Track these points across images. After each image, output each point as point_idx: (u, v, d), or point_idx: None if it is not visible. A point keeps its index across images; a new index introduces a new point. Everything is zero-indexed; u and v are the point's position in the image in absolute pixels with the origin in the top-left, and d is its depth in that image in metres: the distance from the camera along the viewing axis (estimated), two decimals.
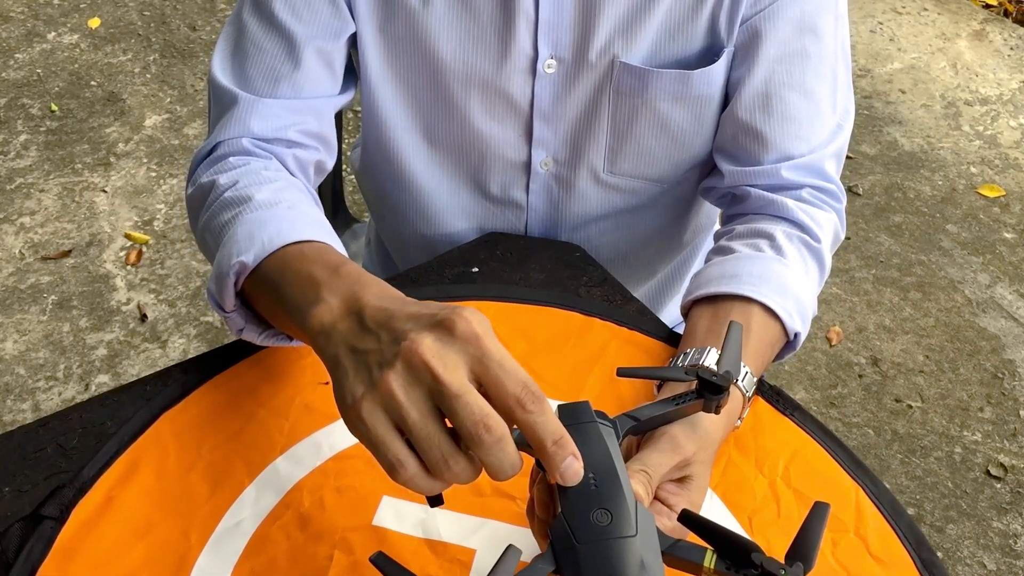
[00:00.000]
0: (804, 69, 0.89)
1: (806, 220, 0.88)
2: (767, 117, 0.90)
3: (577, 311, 0.88)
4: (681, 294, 1.18)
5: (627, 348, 0.85)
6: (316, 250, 0.70)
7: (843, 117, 0.93)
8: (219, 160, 0.85)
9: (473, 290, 0.92)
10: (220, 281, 0.72)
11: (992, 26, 3.08)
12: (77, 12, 2.95)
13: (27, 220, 2.29)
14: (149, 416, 0.76)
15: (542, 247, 0.99)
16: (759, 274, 0.82)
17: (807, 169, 0.90)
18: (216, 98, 0.91)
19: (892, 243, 2.33)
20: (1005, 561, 1.72)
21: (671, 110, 0.93)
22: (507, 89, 0.92)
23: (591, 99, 0.93)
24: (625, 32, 0.88)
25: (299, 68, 0.88)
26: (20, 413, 1.88)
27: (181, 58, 2.79)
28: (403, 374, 0.53)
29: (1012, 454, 1.89)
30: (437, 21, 0.89)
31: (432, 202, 1.02)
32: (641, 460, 0.66)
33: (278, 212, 0.75)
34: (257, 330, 0.75)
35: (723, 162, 0.94)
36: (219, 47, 0.92)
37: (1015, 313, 2.18)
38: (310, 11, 0.87)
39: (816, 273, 0.88)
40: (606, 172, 0.99)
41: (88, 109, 2.60)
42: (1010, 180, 2.53)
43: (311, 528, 0.70)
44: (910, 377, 2.03)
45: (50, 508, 0.69)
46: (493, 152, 0.97)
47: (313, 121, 0.90)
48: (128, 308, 2.09)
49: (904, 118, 2.72)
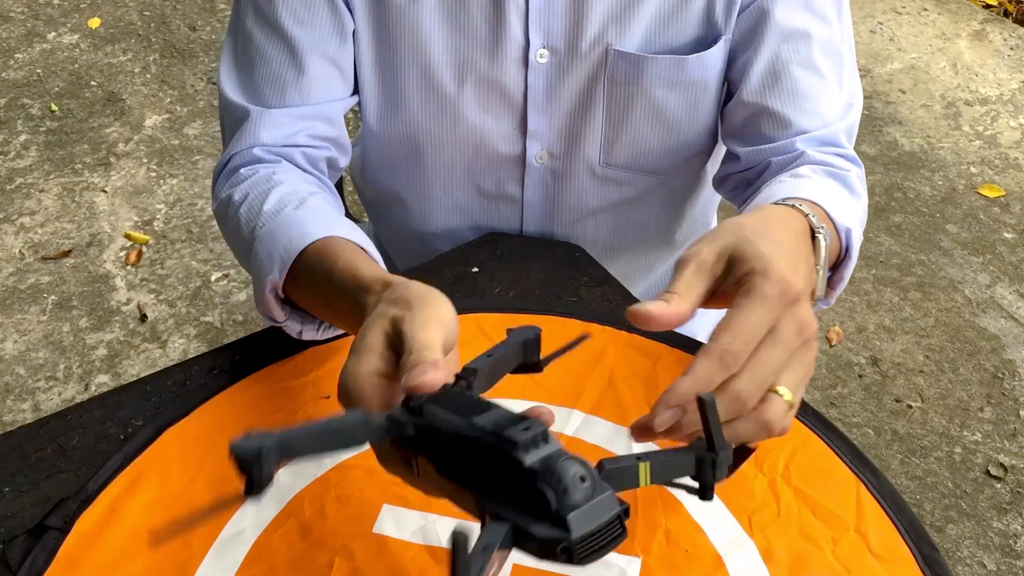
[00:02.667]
0: (810, 48, 0.88)
1: (827, 160, 0.87)
2: (778, 94, 0.89)
3: (575, 317, 0.88)
4: None
5: (626, 351, 0.85)
6: (333, 247, 0.74)
7: (852, 96, 0.92)
8: (232, 173, 0.89)
9: (472, 303, 0.92)
10: (262, 300, 0.77)
11: (992, 26, 3.08)
12: (77, 12, 2.95)
13: (27, 220, 2.29)
14: (154, 431, 0.77)
15: (542, 247, 0.99)
16: (789, 189, 0.77)
17: (822, 141, 0.89)
18: (227, 112, 0.92)
19: (892, 243, 2.33)
20: (1005, 561, 1.72)
21: (666, 96, 0.93)
22: (500, 80, 0.92)
23: (585, 88, 0.93)
24: (618, 20, 0.88)
25: (304, 74, 0.88)
26: (20, 413, 1.88)
27: (181, 58, 2.79)
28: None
29: (1012, 454, 1.89)
30: (428, 15, 0.89)
31: (427, 199, 1.03)
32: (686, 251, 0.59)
33: (284, 218, 0.79)
34: (313, 327, 0.80)
35: (737, 146, 0.93)
36: (224, 58, 0.93)
37: (1015, 313, 2.18)
38: (311, 15, 0.87)
39: (841, 189, 0.84)
40: (602, 164, 0.98)
41: (88, 109, 2.60)
42: (1010, 180, 2.53)
43: (312, 536, 0.70)
44: (910, 377, 2.03)
45: (54, 519, 0.70)
46: (487, 147, 0.98)
47: (322, 126, 0.91)
48: (128, 308, 2.09)
49: (904, 118, 2.72)
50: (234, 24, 0.92)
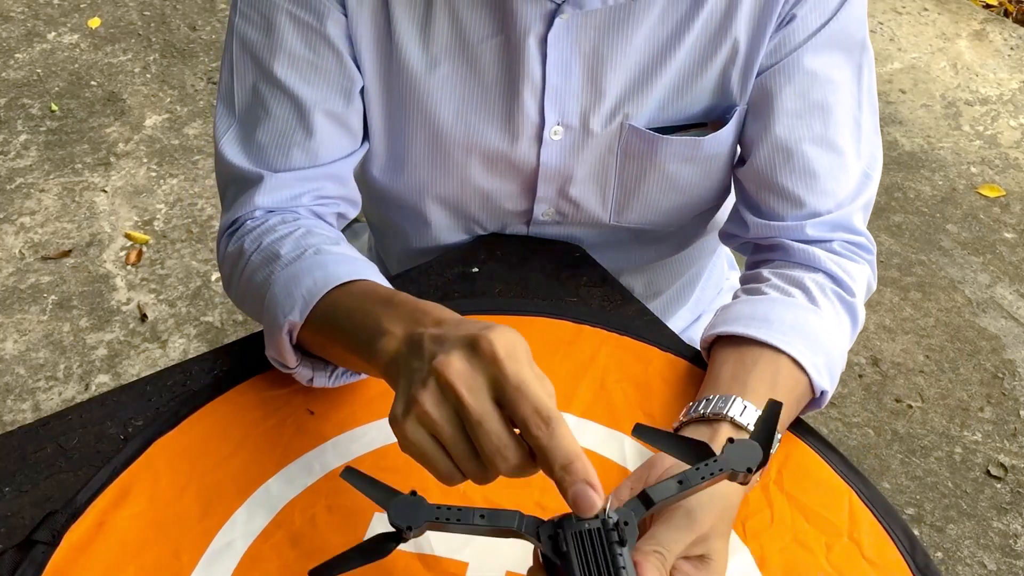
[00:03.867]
0: (825, 122, 0.84)
1: (839, 272, 0.84)
2: (790, 173, 0.85)
3: (567, 319, 0.87)
4: (685, 308, 1.17)
5: (617, 354, 0.84)
6: (360, 288, 0.72)
7: (870, 165, 0.88)
8: (238, 229, 0.85)
9: (472, 303, 0.92)
10: (275, 343, 0.75)
11: (992, 26, 3.08)
12: (77, 12, 2.95)
13: (27, 220, 2.29)
14: (142, 443, 0.76)
15: (542, 247, 0.98)
16: (791, 323, 0.78)
17: (834, 225, 0.86)
18: (227, 174, 0.87)
19: (892, 243, 2.33)
20: (1005, 561, 1.72)
21: (680, 169, 0.90)
22: (511, 156, 0.89)
23: (598, 160, 0.91)
24: (634, 95, 0.85)
25: (312, 136, 0.84)
26: (20, 413, 1.88)
27: (181, 58, 2.79)
28: (434, 393, 0.56)
29: (1012, 454, 1.89)
30: (441, 85, 0.85)
31: (430, 236, 1.00)
32: (655, 538, 0.62)
33: (306, 262, 0.76)
34: (325, 374, 0.77)
35: (746, 213, 0.90)
36: (221, 114, 0.87)
37: (1015, 313, 2.18)
38: (317, 74, 0.83)
39: (849, 327, 0.84)
40: (612, 222, 0.97)
41: (88, 109, 2.60)
42: (1010, 180, 2.53)
43: (303, 546, 0.70)
44: (910, 377, 2.03)
45: (42, 533, 0.69)
46: (493, 205, 0.95)
47: (331, 185, 0.87)
48: (128, 308, 2.09)
49: (904, 118, 2.72)
50: (229, 78, 0.86)
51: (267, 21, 0.82)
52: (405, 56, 0.84)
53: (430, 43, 0.83)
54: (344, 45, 0.83)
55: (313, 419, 0.78)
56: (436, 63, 0.84)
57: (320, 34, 0.82)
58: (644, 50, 0.83)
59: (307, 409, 0.79)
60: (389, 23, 0.83)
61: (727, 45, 0.83)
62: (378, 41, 0.84)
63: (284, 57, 0.82)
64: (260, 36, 0.83)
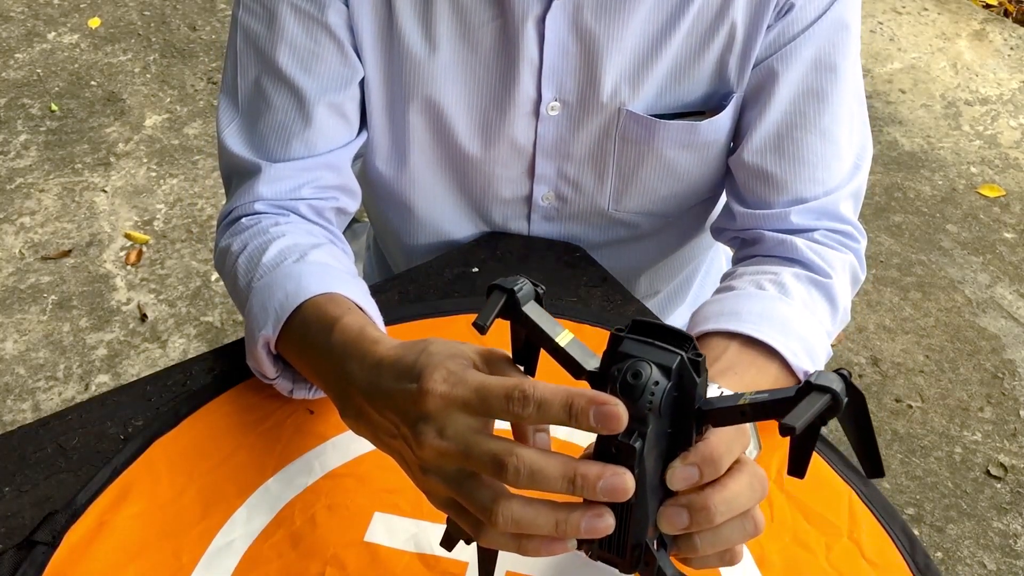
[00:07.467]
0: (821, 110, 0.86)
1: (815, 259, 0.85)
2: (779, 159, 0.87)
3: (567, 319, 0.87)
4: (684, 305, 1.18)
5: None
6: (318, 308, 0.72)
7: (860, 155, 0.90)
8: (234, 223, 0.86)
9: (472, 303, 0.92)
10: (253, 354, 0.75)
11: (992, 26, 3.08)
12: (77, 12, 2.95)
13: (27, 220, 2.29)
14: (142, 443, 0.76)
15: (542, 247, 0.98)
16: (760, 312, 0.78)
17: (820, 212, 0.88)
18: (228, 164, 0.88)
19: (892, 243, 2.33)
20: (1005, 561, 1.72)
21: (678, 155, 0.91)
22: (510, 132, 0.90)
23: (596, 143, 0.91)
24: (631, 79, 0.86)
25: (311, 126, 0.85)
26: (20, 413, 1.88)
27: (181, 58, 2.79)
28: (438, 472, 0.56)
29: (1012, 454, 1.89)
30: (442, 70, 0.86)
31: (432, 229, 1.01)
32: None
33: (283, 271, 0.76)
34: (306, 387, 0.78)
35: (734, 203, 0.92)
36: (223, 106, 0.89)
37: (1015, 313, 2.18)
38: (318, 63, 0.84)
39: (825, 309, 0.83)
40: (610, 208, 0.98)
41: (88, 109, 2.60)
42: (1010, 180, 2.53)
43: (303, 546, 0.70)
44: (910, 377, 2.03)
45: (42, 533, 0.69)
46: (494, 189, 0.96)
47: (328, 175, 0.88)
48: (128, 308, 2.09)
49: (904, 118, 2.72)
50: (232, 71, 0.88)
51: (269, 12, 0.84)
52: (407, 43, 0.85)
53: (431, 29, 0.85)
54: (345, 35, 0.84)
55: (313, 419, 0.78)
56: (437, 49, 0.85)
57: (321, 24, 0.83)
58: (641, 34, 0.84)
59: (307, 409, 0.79)
60: (390, 11, 0.84)
61: (724, 31, 0.84)
62: (379, 30, 0.85)
63: (285, 47, 0.84)
64: (262, 27, 0.84)
